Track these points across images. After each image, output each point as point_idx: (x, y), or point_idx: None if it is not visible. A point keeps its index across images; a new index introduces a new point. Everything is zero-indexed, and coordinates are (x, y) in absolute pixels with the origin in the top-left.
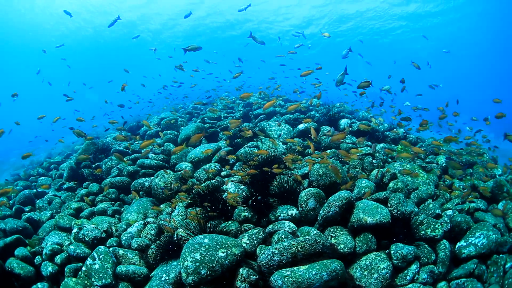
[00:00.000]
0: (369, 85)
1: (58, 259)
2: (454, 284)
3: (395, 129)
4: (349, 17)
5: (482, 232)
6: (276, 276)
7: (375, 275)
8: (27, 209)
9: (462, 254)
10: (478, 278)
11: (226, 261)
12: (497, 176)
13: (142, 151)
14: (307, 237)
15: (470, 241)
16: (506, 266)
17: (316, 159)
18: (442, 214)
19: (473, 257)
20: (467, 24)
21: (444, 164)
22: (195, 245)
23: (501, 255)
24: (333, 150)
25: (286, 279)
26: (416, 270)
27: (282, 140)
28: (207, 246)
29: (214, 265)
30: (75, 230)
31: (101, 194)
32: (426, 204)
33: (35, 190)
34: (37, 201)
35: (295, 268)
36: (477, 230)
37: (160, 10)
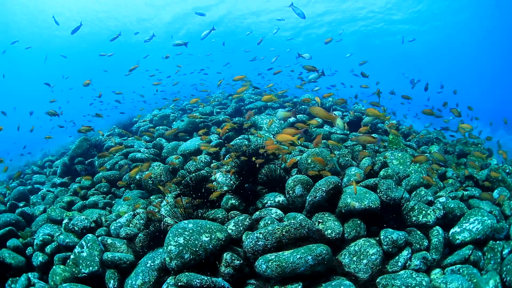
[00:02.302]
0: (315, 71)
1: (48, 249)
2: (449, 271)
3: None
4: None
5: (476, 217)
6: (261, 260)
7: (365, 261)
8: (21, 205)
9: (456, 240)
10: (474, 265)
11: (210, 246)
12: (492, 165)
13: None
14: (292, 221)
15: (464, 227)
16: (504, 253)
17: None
18: (435, 201)
19: (467, 243)
20: (461, 18)
21: None
22: (179, 230)
23: (498, 242)
24: (323, 141)
25: (270, 263)
26: (408, 256)
27: (273, 132)
28: (191, 231)
29: (197, 249)
30: (65, 220)
31: (93, 188)
32: (418, 191)
33: (29, 187)
34: (31, 197)
35: (280, 252)
36: (471, 216)
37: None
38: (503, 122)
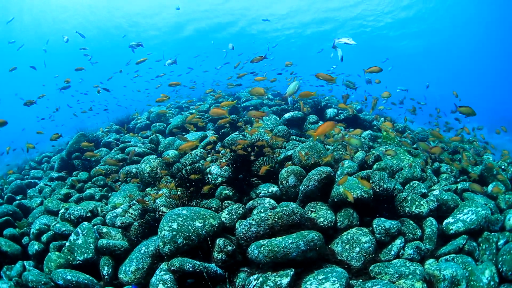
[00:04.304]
0: (263, 58)
1: (44, 237)
2: (443, 261)
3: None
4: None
5: (470, 208)
6: (253, 246)
7: (357, 249)
8: (18, 198)
9: (450, 231)
10: (469, 255)
11: (203, 231)
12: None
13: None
14: (284, 208)
15: (458, 217)
16: (499, 243)
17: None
18: (429, 194)
19: (461, 233)
20: (459, 20)
21: None
22: (173, 216)
23: (493, 233)
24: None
25: (262, 249)
26: (401, 245)
27: (269, 128)
28: (184, 217)
29: (190, 234)
30: (62, 211)
31: (90, 182)
32: (411, 184)
33: (27, 181)
34: (29, 191)
35: (272, 238)
36: (465, 207)
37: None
38: (502, 123)
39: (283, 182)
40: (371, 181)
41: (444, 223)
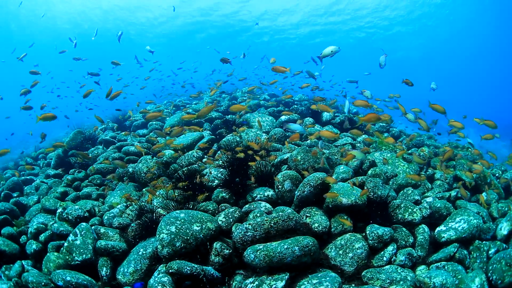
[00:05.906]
0: (227, 62)
1: (42, 237)
2: (434, 268)
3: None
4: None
5: (462, 217)
6: (249, 250)
7: (350, 254)
8: (15, 195)
9: (442, 238)
10: (460, 262)
11: (201, 235)
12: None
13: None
14: (280, 213)
15: (450, 225)
16: (490, 252)
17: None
18: (422, 201)
19: (453, 241)
20: (459, 24)
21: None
22: (171, 219)
23: (484, 242)
24: (314, 140)
25: (258, 253)
26: (393, 252)
27: (265, 130)
28: (182, 220)
29: (188, 237)
30: (59, 210)
31: (87, 180)
32: (405, 191)
33: (23, 178)
34: (25, 188)
35: (268, 243)
36: (457, 216)
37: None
38: (500, 128)
39: (279, 186)
40: (365, 187)
41: (436, 230)
